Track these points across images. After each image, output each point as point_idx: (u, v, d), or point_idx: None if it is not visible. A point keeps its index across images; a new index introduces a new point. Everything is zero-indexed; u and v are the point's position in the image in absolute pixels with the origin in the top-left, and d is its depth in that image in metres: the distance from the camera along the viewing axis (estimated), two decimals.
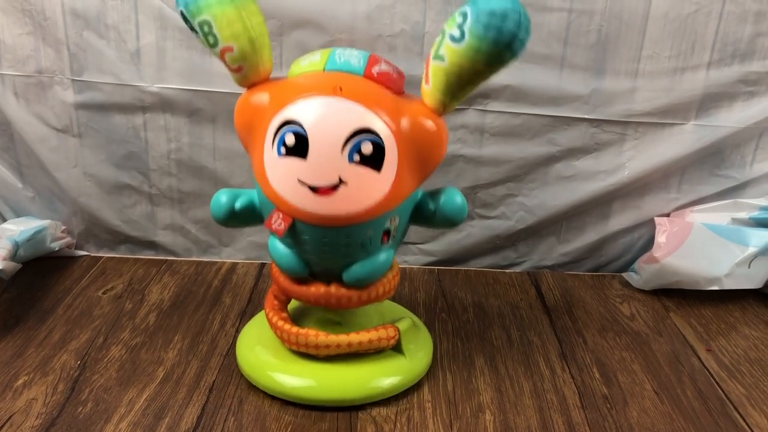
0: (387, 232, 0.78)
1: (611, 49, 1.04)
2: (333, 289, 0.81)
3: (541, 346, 0.96)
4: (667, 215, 1.15)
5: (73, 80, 1.06)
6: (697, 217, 1.12)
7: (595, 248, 1.18)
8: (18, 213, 1.16)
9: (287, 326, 0.83)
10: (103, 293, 1.05)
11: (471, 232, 1.16)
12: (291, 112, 0.72)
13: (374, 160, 0.72)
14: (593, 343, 0.97)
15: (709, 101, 1.08)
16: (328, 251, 0.77)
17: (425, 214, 0.80)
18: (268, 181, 0.75)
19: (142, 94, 1.06)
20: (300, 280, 0.83)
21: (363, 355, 0.83)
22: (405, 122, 0.74)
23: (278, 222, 0.75)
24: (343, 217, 0.74)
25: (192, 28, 0.75)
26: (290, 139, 0.72)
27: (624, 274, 1.18)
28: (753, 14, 1.03)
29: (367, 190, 0.73)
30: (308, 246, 0.78)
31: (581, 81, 1.06)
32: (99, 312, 1.00)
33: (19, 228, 1.08)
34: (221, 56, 0.74)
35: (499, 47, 0.67)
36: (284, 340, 0.83)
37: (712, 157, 1.12)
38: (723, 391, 0.88)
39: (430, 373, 0.88)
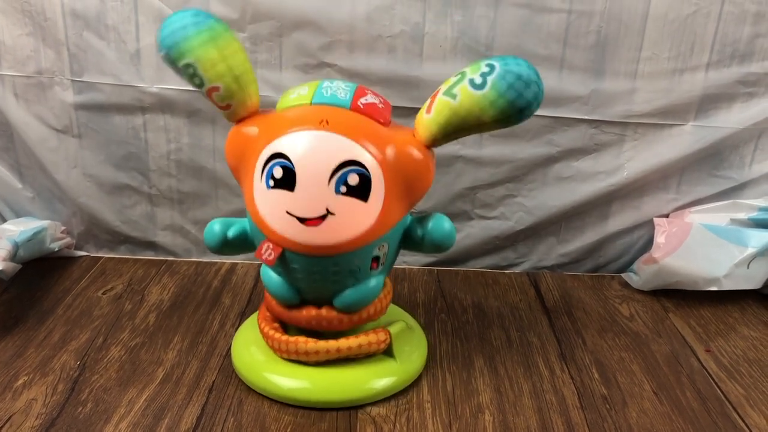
0: (376, 259, 0.79)
1: (610, 50, 1.04)
2: (324, 312, 0.82)
3: (541, 347, 0.96)
4: (666, 216, 1.16)
5: (72, 81, 1.06)
6: (696, 217, 1.12)
7: (594, 249, 1.19)
8: (18, 213, 1.16)
9: (277, 335, 0.84)
10: (103, 294, 1.05)
11: (470, 233, 1.16)
12: (278, 145, 0.74)
13: (361, 191, 0.74)
14: (592, 344, 0.97)
15: (708, 102, 1.08)
16: (318, 279, 0.79)
17: (414, 240, 0.81)
18: (258, 212, 0.77)
19: (141, 95, 1.06)
20: (292, 306, 0.84)
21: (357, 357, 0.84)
22: (391, 152, 0.75)
23: (268, 252, 0.77)
24: (331, 246, 0.75)
25: (178, 71, 0.76)
26: (278, 173, 0.74)
27: (623, 275, 1.18)
28: (752, 15, 1.03)
29: (354, 220, 0.75)
30: (298, 274, 0.79)
31: (580, 82, 1.06)
32: (99, 312, 1.00)
33: (19, 228, 1.08)
34: (208, 96, 0.76)
35: (513, 109, 0.71)
36: (275, 349, 0.84)
37: (711, 157, 1.12)
38: (722, 392, 0.88)
39: (430, 374, 0.88)
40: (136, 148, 1.10)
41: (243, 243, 0.82)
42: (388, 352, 0.85)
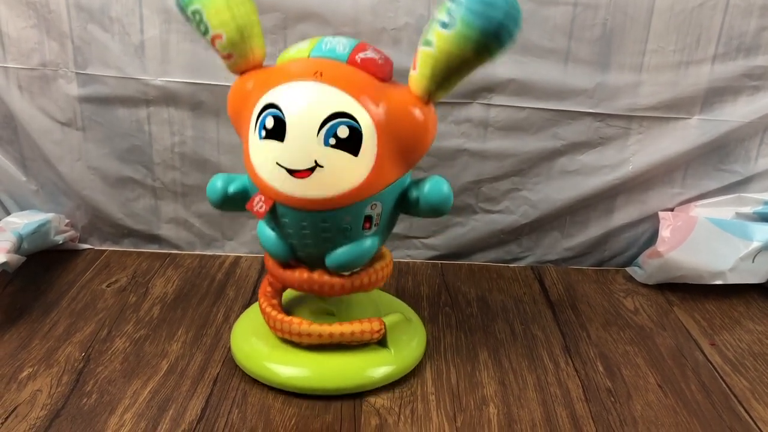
0: (369, 219, 0.78)
1: (616, 43, 1.04)
2: (316, 275, 0.82)
3: (545, 340, 0.96)
4: (671, 210, 1.15)
5: (77, 73, 1.06)
6: (701, 211, 1.12)
7: (598, 243, 1.18)
8: (22, 206, 1.16)
9: (274, 312, 0.84)
10: (107, 286, 1.06)
11: (475, 227, 1.16)
12: (271, 96, 0.74)
13: (350, 144, 0.72)
14: (597, 337, 0.97)
15: (713, 95, 1.08)
16: (309, 235, 0.78)
17: (409, 201, 0.79)
18: (252, 163, 0.77)
19: (145, 88, 1.06)
20: (286, 265, 0.84)
21: (357, 345, 0.84)
22: (387, 108, 0.74)
23: (259, 204, 0.76)
24: (319, 200, 0.74)
25: (187, 18, 0.77)
26: (269, 122, 0.74)
27: (628, 269, 1.18)
28: (758, 8, 1.02)
29: (344, 175, 0.74)
30: (289, 229, 0.78)
31: (586, 75, 1.06)
32: (103, 305, 1.00)
33: (23, 221, 1.08)
34: (212, 44, 0.77)
35: (487, 36, 0.67)
36: (271, 326, 0.84)
37: (717, 151, 1.12)
38: (727, 385, 0.87)
39: (434, 366, 0.88)
40: (140, 141, 1.10)
41: (243, 199, 0.80)
42: (382, 343, 0.85)
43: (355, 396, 0.82)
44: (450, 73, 0.71)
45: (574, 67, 1.05)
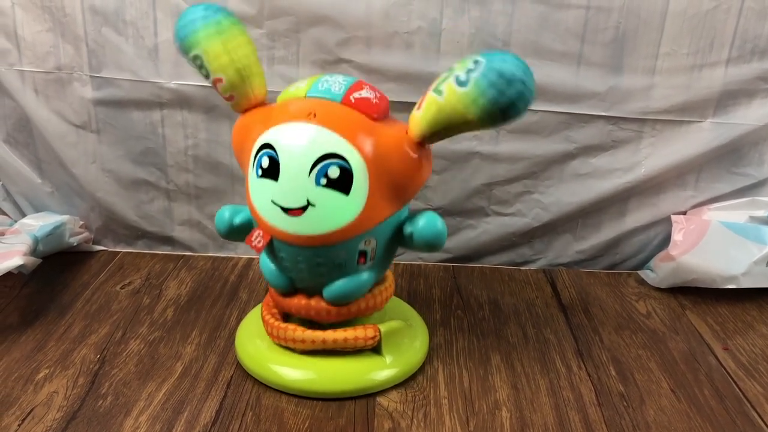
0: (363, 254, 0.79)
1: (629, 46, 1.04)
2: (314, 302, 0.83)
3: (557, 344, 0.96)
4: (684, 213, 1.15)
5: (91, 76, 1.07)
6: (715, 215, 1.12)
7: (611, 246, 1.18)
8: (37, 208, 1.17)
9: (272, 320, 0.86)
10: (121, 288, 1.06)
11: (486, 229, 1.16)
12: (267, 136, 0.77)
13: (341, 184, 0.74)
14: (609, 341, 0.97)
15: (727, 99, 1.07)
16: (305, 269, 0.80)
17: (403, 236, 0.81)
18: (251, 199, 0.79)
19: (159, 91, 1.07)
20: (286, 293, 0.86)
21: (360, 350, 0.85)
22: (379, 147, 0.75)
23: (258, 239, 0.79)
24: (312, 237, 0.76)
25: (189, 62, 0.80)
26: (265, 162, 0.76)
27: (640, 272, 1.18)
28: None
29: (335, 213, 0.75)
30: (286, 263, 0.81)
31: (598, 78, 1.05)
32: (117, 307, 1.01)
33: (39, 223, 1.10)
34: (214, 86, 0.79)
35: (495, 107, 0.68)
36: (269, 333, 0.86)
37: (730, 154, 1.11)
38: (740, 390, 0.87)
39: (447, 370, 0.88)
40: (154, 144, 1.11)
41: (248, 230, 0.83)
42: (376, 350, 0.85)
43: (368, 399, 0.82)
44: (449, 127, 0.72)
45: (587, 70, 1.05)
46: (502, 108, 0.68)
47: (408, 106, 0.80)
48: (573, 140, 1.10)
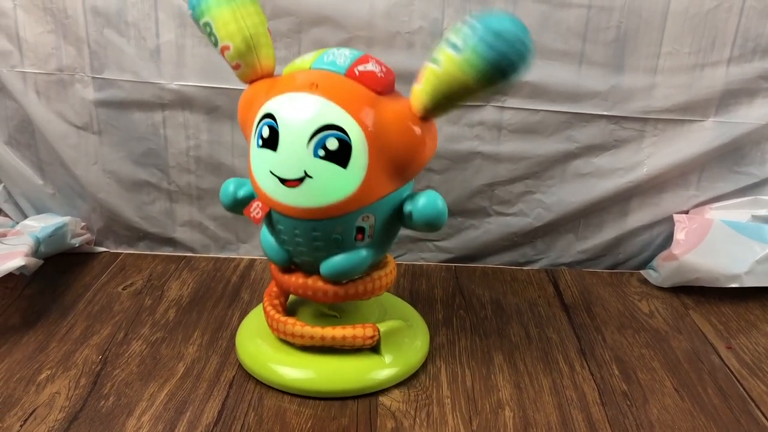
0: (361, 230, 0.78)
1: (630, 45, 1.04)
2: (311, 281, 0.83)
3: (560, 343, 0.95)
4: (686, 212, 1.15)
5: (93, 78, 1.07)
6: (717, 214, 1.12)
7: (613, 245, 1.18)
8: (39, 209, 1.17)
9: (273, 312, 0.86)
10: (123, 289, 1.06)
11: (488, 229, 1.16)
12: (269, 106, 0.76)
13: (339, 157, 0.73)
14: (612, 340, 0.97)
15: (728, 98, 1.07)
16: (302, 243, 0.79)
17: (403, 215, 0.80)
18: (251, 170, 0.79)
19: (161, 92, 1.07)
20: (286, 269, 0.85)
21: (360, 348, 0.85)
22: (380, 122, 0.74)
23: (256, 210, 0.79)
24: (309, 209, 0.76)
25: (200, 29, 0.80)
26: (265, 132, 0.76)
27: (642, 272, 1.18)
28: None
29: (332, 186, 0.74)
30: (284, 236, 0.80)
31: (600, 77, 1.05)
32: (119, 307, 1.01)
33: (40, 224, 1.10)
34: (222, 54, 0.80)
35: (494, 68, 0.66)
36: (269, 325, 0.86)
37: (732, 153, 1.11)
38: (744, 389, 0.87)
39: (449, 370, 0.88)
40: (156, 145, 1.11)
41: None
42: (375, 349, 0.85)
43: (371, 398, 0.82)
44: (450, 96, 0.71)
45: (589, 69, 1.05)
46: (503, 68, 0.66)
47: None
48: (575, 140, 1.09)
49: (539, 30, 1.02)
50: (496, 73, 0.67)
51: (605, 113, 1.08)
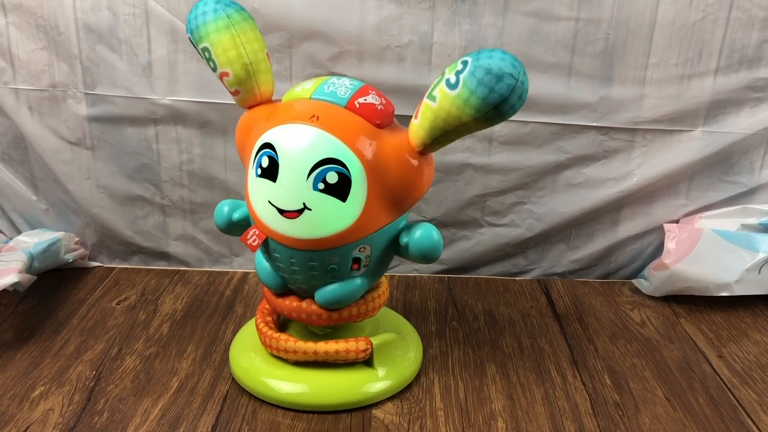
0: (357, 261, 0.79)
1: (618, 57, 1.05)
2: (305, 304, 0.83)
3: (552, 354, 0.96)
4: (677, 222, 1.16)
5: (86, 94, 1.07)
6: (707, 223, 1.12)
7: (604, 255, 1.19)
8: (32, 225, 1.18)
9: (265, 328, 0.86)
10: (117, 304, 1.06)
11: (481, 240, 1.17)
12: (269, 136, 0.76)
13: (339, 190, 0.74)
14: (604, 350, 0.97)
15: (716, 108, 1.08)
16: (298, 271, 0.80)
17: (399, 246, 0.80)
18: (249, 198, 0.79)
19: (154, 107, 1.07)
20: (278, 293, 0.86)
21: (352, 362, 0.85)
22: (380, 155, 0.75)
23: (253, 238, 0.79)
24: (306, 240, 0.76)
25: (199, 54, 0.80)
26: (265, 162, 0.76)
27: (634, 281, 1.18)
28: (760, 21, 1.03)
29: (331, 218, 0.75)
30: (280, 263, 0.81)
31: (589, 89, 1.06)
32: (113, 322, 1.01)
33: (34, 240, 1.10)
34: (221, 79, 0.80)
35: (488, 106, 0.68)
36: (262, 342, 0.87)
37: (721, 163, 1.12)
38: (735, 398, 0.88)
39: (442, 382, 0.88)
40: (149, 160, 1.11)
41: (246, 226, 0.82)
42: (368, 363, 0.85)
43: (364, 411, 0.82)
44: (447, 132, 0.72)
45: (578, 81, 1.06)
46: (495, 104, 0.67)
47: (401, 119, 0.81)
48: (565, 151, 1.10)
49: (528, 43, 1.04)
50: (490, 109, 0.68)
51: (595, 124, 1.09)
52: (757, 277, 1.07)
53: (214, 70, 0.79)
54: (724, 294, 1.07)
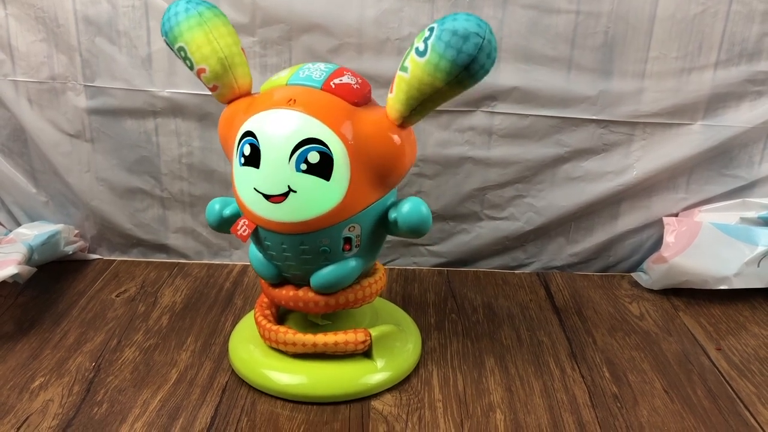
0: (348, 241, 0.79)
1: (618, 50, 1.05)
2: (301, 293, 0.84)
3: (551, 346, 0.96)
4: (676, 215, 1.16)
5: (85, 86, 1.07)
6: (706, 216, 1.12)
7: (604, 248, 1.19)
8: (32, 217, 1.18)
9: (264, 321, 0.87)
10: (117, 296, 1.07)
11: (480, 233, 1.17)
12: (249, 124, 0.77)
13: (321, 169, 0.74)
14: (603, 343, 0.97)
15: (716, 101, 1.08)
16: (290, 257, 0.80)
17: (388, 222, 0.80)
18: (236, 189, 0.80)
19: (153, 99, 1.07)
20: (274, 283, 0.86)
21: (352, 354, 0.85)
22: (359, 132, 0.75)
23: (243, 228, 0.79)
24: (295, 223, 0.77)
25: (176, 54, 0.81)
26: (247, 150, 0.77)
27: (633, 274, 1.18)
28: (760, 14, 1.03)
29: (317, 199, 0.75)
30: (272, 251, 0.81)
31: (589, 82, 1.06)
32: (112, 314, 1.01)
33: (34, 232, 1.10)
34: (198, 76, 0.81)
35: (457, 68, 0.68)
36: (261, 335, 0.87)
37: (720, 156, 1.12)
38: (733, 390, 0.88)
39: (441, 373, 0.88)
40: (148, 152, 1.11)
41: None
42: (367, 354, 0.85)
43: (363, 403, 0.82)
44: (423, 100, 0.72)
45: (577, 74, 1.06)
46: (465, 65, 0.68)
47: None
48: (564, 144, 1.10)
49: (528, 36, 1.03)
50: (460, 71, 0.68)
51: (594, 117, 1.09)
52: (756, 270, 1.07)
53: (191, 68, 0.80)
54: (722, 287, 1.08)
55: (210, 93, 0.83)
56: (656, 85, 1.07)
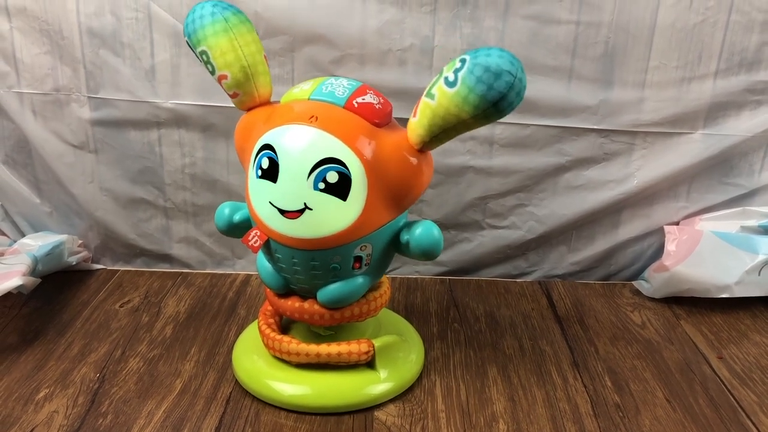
0: (358, 259, 0.79)
1: (618, 60, 1.05)
2: (307, 304, 0.84)
3: (553, 355, 0.96)
4: (677, 224, 1.16)
5: (89, 97, 1.08)
6: (707, 225, 1.13)
7: (605, 257, 1.19)
8: (36, 228, 1.18)
9: (268, 331, 0.87)
10: (120, 306, 1.07)
11: (482, 242, 1.17)
12: (269, 137, 0.77)
13: (339, 190, 0.74)
14: (605, 352, 0.98)
15: (716, 110, 1.09)
16: (300, 271, 0.80)
17: (400, 244, 0.81)
18: (250, 200, 0.80)
19: (156, 110, 1.08)
20: (280, 294, 0.86)
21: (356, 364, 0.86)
22: (379, 154, 0.75)
23: (254, 239, 0.79)
24: (308, 240, 0.77)
25: (197, 57, 0.81)
26: (265, 163, 0.77)
27: (634, 283, 1.19)
28: (759, 24, 1.04)
29: (332, 218, 0.76)
30: (282, 264, 0.81)
31: (589, 92, 1.07)
32: (116, 325, 1.01)
33: (38, 243, 1.10)
34: (219, 82, 0.80)
35: (486, 103, 0.68)
36: (265, 344, 0.87)
37: (721, 165, 1.13)
38: (735, 399, 0.88)
39: (444, 383, 0.89)
40: (152, 163, 1.12)
41: (247, 228, 0.83)
42: (370, 365, 0.86)
43: (366, 413, 0.83)
44: (446, 129, 0.72)
45: (578, 84, 1.07)
46: (494, 102, 0.68)
47: (403, 122, 0.82)
48: (565, 153, 1.11)
49: (529, 46, 1.04)
50: (489, 106, 0.68)
51: (595, 127, 1.09)
52: (757, 278, 1.08)
53: (213, 73, 0.80)
54: (724, 296, 1.08)
55: (227, 102, 0.82)
56: (656, 94, 1.07)
